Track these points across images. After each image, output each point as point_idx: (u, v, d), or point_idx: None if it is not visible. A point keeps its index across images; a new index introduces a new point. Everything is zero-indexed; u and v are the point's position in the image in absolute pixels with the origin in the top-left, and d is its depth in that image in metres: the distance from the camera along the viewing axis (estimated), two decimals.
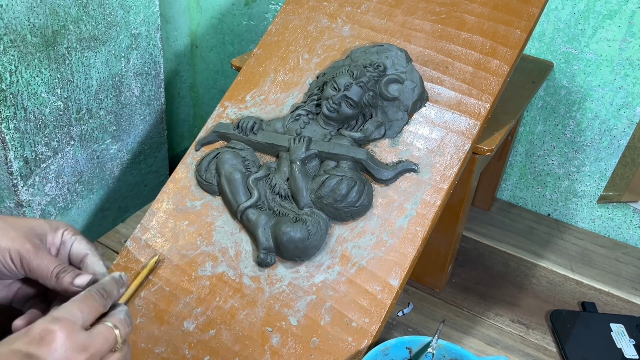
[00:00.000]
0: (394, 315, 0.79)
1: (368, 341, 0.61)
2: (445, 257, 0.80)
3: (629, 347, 0.75)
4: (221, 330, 0.65)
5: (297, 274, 0.65)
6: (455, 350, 0.60)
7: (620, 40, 0.85)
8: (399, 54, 0.70)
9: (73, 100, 0.85)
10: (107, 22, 0.86)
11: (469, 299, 0.83)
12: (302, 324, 0.63)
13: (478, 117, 0.67)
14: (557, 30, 0.89)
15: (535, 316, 0.81)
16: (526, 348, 0.76)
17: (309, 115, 0.71)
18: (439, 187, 0.65)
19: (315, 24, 0.78)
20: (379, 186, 0.67)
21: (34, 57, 0.77)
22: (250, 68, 0.78)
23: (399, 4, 0.76)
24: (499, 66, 0.69)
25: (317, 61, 0.75)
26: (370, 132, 0.68)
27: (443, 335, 0.75)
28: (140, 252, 0.70)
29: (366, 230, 0.65)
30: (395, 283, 0.62)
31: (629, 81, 0.87)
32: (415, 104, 0.69)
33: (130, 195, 1.05)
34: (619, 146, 0.92)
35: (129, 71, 0.94)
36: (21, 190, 0.82)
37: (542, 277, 0.88)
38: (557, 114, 0.96)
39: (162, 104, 1.04)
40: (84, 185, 0.93)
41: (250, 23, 1.19)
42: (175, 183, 0.74)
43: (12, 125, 0.77)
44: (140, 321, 0.67)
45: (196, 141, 0.75)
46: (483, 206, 1.02)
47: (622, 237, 0.98)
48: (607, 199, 0.97)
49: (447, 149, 0.67)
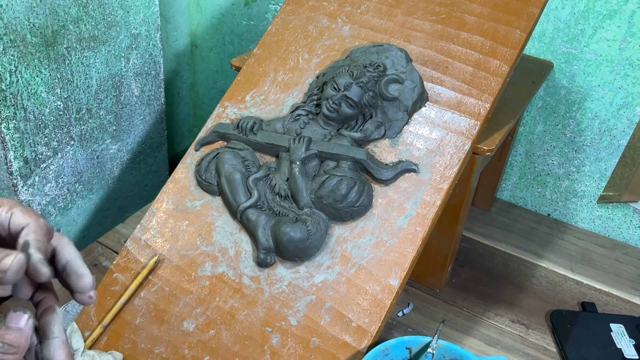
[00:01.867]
0: (394, 315, 0.79)
1: (368, 341, 0.61)
2: (445, 257, 0.80)
3: (629, 347, 0.75)
4: (221, 330, 0.65)
5: (297, 274, 0.65)
6: (455, 350, 0.60)
7: (620, 40, 0.85)
8: (399, 54, 0.70)
9: (73, 100, 0.85)
10: (107, 22, 0.86)
11: (469, 299, 0.83)
12: (302, 324, 0.63)
13: (478, 117, 0.67)
14: (557, 30, 0.89)
15: (535, 316, 0.81)
16: (526, 348, 0.76)
17: (309, 115, 0.71)
18: (439, 187, 0.65)
19: (315, 24, 0.78)
20: (379, 186, 0.67)
21: (34, 57, 0.77)
22: (250, 68, 0.78)
23: (399, 4, 0.75)
24: (499, 66, 0.69)
25: (317, 61, 0.75)
26: (370, 132, 0.68)
27: (443, 335, 0.75)
28: (140, 252, 0.70)
29: (366, 230, 0.65)
30: (395, 283, 0.62)
31: (629, 81, 0.87)
32: (415, 104, 0.69)
33: (130, 195, 1.05)
34: (619, 146, 0.92)
35: (128, 71, 0.94)
36: (21, 190, 0.82)
37: (542, 277, 0.88)
38: (557, 114, 0.95)
39: (162, 104, 1.04)
40: (83, 185, 0.93)
41: (250, 23, 1.19)
42: (175, 183, 0.74)
43: (12, 125, 0.77)
44: (140, 321, 0.67)
45: (196, 141, 0.75)
46: (483, 206, 1.02)
47: (622, 237, 0.98)
48: (607, 199, 0.97)
49: (447, 149, 0.67)
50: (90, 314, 0.68)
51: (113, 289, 0.69)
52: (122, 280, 0.69)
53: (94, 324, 0.68)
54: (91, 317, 0.68)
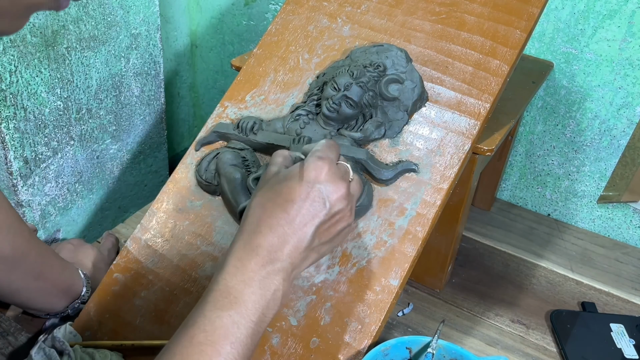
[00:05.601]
0: (394, 315, 0.79)
1: (368, 341, 0.61)
2: (445, 257, 0.80)
3: (629, 347, 0.75)
4: None
5: None
6: (455, 350, 0.60)
7: (620, 40, 0.85)
8: (399, 54, 0.70)
9: (73, 100, 0.85)
10: (106, 22, 0.86)
11: (469, 299, 0.83)
12: (302, 324, 0.63)
13: (478, 117, 0.67)
14: (557, 30, 0.89)
15: (535, 316, 0.81)
16: (526, 348, 0.76)
17: (309, 115, 0.71)
18: (439, 187, 0.65)
19: (315, 24, 0.78)
20: (379, 186, 0.67)
21: (34, 57, 0.77)
22: (250, 68, 0.78)
23: (399, 4, 0.75)
24: (499, 66, 0.69)
25: (317, 61, 0.75)
26: (370, 132, 0.68)
27: (443, 335, 0.75)
28: (140, 252, 0.70)
29: (366, 230, 0.65)
30: (395, 283, 0.62)
31: (629, 81, 0.87)
32: (415, 104, 0.69)
33: (130, 195, 1.05)
34: (618, 146, 0.92)
35: (128, 71, 0.94)
36: (21, 190, 0.82)
37: (542, 277, 0.88)
38: (557, 114, 0.96)
39: (162, 104, 1.04)
40: (83, 185, 0.93)
41: (250, 23, 1.19)
42: (175, 183, 0.74)
43: (12, 125, 0.77)
44: (140, 321, 0.67)
45: (196, 141, 0.75)
46: (483, 206, 1.02)
47: (622, 237, 0.98)
48: (607, 199, 0.97)
49: (447, 149, 0.67)
50: (90, 314, 0.68)
51: (113, 289, 0.69)
52: (122, 280, 0.69)
53: (94, 324, 0.68)
54: (91, 317, 0.68)
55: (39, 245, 0.66)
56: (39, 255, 0.65)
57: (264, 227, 0.49)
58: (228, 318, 0.45)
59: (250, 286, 0.47)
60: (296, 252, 0.49)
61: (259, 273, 0.47)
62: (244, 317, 0.45)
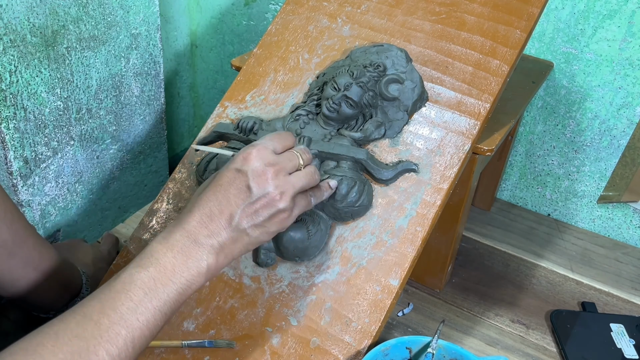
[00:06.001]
0: (394, 315, 0.79)
1: (368, 341, 0.61)
2: (445, 257, 0.80)
3: (629, 347, 0.75)
4: (221, 330, 0.65)
5: (297, 274, 0.65)
6: (455, 350, 0.60)
7: (620, 40, 0.85)
8: (399, 54, 0.70)
9: (73, 100, 0.85)
10: (106, 22, 0.86)
11: (469, 299, 0.83)
12: (302, 324, 0.63)
13: (478, 117, 0.67)
14: (557, 30, 0.89)
15: (535, 316, 0.81)
16: (526, 348, 0.76)
17: (309, 115, 0.71)
18: (439, 187, 0.65)
19: (315, 24, 0.78)
20: (379, 186, 0.67)
21: (34, 57, 0.77)
22: (250, 68, 0.78)
23: (399, 4, 0.75)
24: (499, 66, 0.69)
25: (317, 61, 0.75)
26: (370, 132, 0.68)
27: (443, 335, 0.75)
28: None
29: (366, 230, 0.65)
30: (395, 283, 0.62)
31: (629, 81, 0.87)
32: (415, 104, 0.69)
33: (130, 195, 1.05)
34: (618, 146, 0.92)
35: (128, 71, 0.94)
36: (21, 190, 0.82)
37: (542, 277, 0.88)
38: (557, 114, 0.96)
39: (162, 104, 1.04)
40: (83, 185, 0.93)
41: (250, 23, 1.19)
42: (175, 183, 0.74)
43: (12, 125, 0.77)
44: None
45: (196, 141, 0.75)
46: (483, 206, 1.02)
47: (622, 237, 0.98)
48: (607, 199, 0.97)
49: (447, 149, 0.67)
50: None
51: None
52: None
53: None
54: None
55: (37, 236, 0.67)
56: (37, 244, 0.67)
57: (195, 207, 0.53)
58: (145, 273, 0.49)
59: (172, 251, 0.51)
60: (223, 231, 0.52)
61: (182, 242, 0.51)
62: (162, 276, 0.49)
